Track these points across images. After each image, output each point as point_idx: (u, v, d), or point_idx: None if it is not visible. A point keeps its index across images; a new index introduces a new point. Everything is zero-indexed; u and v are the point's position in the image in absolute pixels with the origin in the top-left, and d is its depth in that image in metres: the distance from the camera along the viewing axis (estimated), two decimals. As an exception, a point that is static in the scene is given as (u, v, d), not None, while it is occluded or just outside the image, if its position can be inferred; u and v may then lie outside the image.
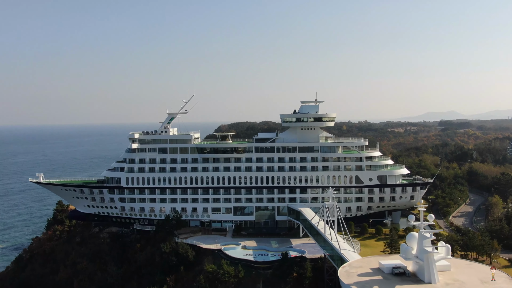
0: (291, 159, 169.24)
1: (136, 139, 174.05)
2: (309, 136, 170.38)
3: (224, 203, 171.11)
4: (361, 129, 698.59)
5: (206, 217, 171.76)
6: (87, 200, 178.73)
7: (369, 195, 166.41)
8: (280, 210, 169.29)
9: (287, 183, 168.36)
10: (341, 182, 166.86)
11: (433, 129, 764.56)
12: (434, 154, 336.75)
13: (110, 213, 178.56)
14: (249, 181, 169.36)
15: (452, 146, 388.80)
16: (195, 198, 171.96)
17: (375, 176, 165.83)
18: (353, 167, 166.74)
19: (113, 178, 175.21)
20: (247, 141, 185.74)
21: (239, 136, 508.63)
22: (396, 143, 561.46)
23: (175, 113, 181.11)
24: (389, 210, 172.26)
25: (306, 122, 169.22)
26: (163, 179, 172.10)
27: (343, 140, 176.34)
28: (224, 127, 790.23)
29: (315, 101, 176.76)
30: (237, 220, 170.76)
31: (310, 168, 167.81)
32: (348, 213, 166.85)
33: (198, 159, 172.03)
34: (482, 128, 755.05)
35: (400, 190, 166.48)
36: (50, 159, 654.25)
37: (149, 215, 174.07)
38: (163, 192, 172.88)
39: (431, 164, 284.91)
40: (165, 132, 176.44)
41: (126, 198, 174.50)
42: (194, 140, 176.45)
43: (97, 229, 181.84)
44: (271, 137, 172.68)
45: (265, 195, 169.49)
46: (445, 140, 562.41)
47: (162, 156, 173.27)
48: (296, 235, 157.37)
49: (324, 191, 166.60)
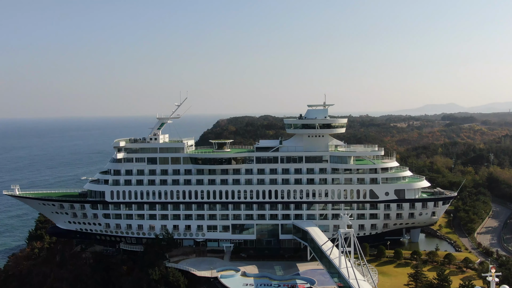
0: (296, 171, 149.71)
1: (122, 147, 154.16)
2: (317, 144, 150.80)
3: (221, 220, 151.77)
4: (363, 124, 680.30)
5: (201, 236, 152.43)
6: (67, 216, 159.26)
7: (385, 211, 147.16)
8: (285, 228, 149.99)
9: (292, 198, 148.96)
10: (354, 196, 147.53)
11: (436, 124, 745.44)
12: (445, 154, 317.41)
13: (94, 230, 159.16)
14: (249, 195, 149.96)
15: (462, 144, 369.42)
16: (188, 215, 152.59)
17: (392, 190, 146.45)
18: (367, 179, 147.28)
19: (96, 191, 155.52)
20: (247, 148, 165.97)
21: (238, 133, 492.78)
22: (400, 139, 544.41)
23: (165, 118, 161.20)
24: (407, 228, 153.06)
25: (313, 129, 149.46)
26: (152, 193, 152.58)
27: (355, 148, 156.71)
28: (223, 122, 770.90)
29: (323, 104, 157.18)
30: (235, 239, 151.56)
31: (318, 181, 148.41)
32: (361, 231, 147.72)
33: (192, 170, 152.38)
34: (487, 123, 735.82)
35: (420, 205, 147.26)
36: (48, 153, 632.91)
37: (136, 233, 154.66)
38: (152, 207, 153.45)
39: (443, 167, 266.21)
40: (155, 139, 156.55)
41: (111, 214, 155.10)
42: (187, 148, 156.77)
43: (79, 248, 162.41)
44: (274, 146, 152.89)
45: (268, 211, 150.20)
46: (450, 136, 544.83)
47: (151, 166, 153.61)
48: (303, 258, 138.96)
49: (334, 206, 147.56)
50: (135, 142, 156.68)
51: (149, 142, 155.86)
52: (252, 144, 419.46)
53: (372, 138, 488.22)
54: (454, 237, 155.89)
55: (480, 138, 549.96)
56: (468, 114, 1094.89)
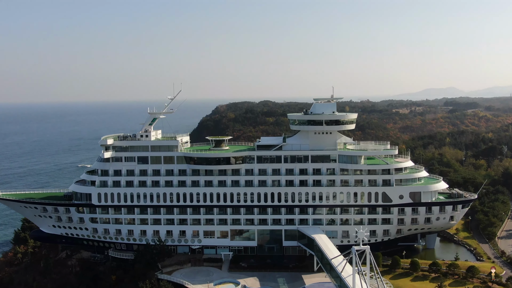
0: (302, 171, 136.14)
1: (110, 145, 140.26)
2: (325, 142, 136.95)
3: (219, 225, 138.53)
4: (364, 110, 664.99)
5: (196, 243, 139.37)
6: (51, 220, 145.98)
7: (399, 216, 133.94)
8: (288, 234, 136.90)
9: (296, 201, 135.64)
10: (364, 200, 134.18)
11: (439, 109, 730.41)
12: (453, 145, 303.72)
13: (80, 235, 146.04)
14: (250, 198, 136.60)
15: (469, 133, 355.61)
16: (183, 219, 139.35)
17: (406, 193, 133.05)
18: (379, 181, 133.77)
19: (81, 193, 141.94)
20: (247, 146, 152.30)
21: (237, 120, 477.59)
22: (403, 126, 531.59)
23: (158, 113, 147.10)
24: (423, 233, 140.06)
25: (320, 125, 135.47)
26: (144, 195, 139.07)
27: (366, 145, 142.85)
28: (222, 108, 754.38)
29: (331, 98, 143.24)
30: (235, 246, 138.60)
31: (325, 183, 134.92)
32: (373, 237, 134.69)
33: (187, 170, 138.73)
34: (491, 109, 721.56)
35: (438, 209, 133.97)
36: (47, 139, 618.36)
37: (126, 239, 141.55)
38: (143, 211, 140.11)
39: (453, 159, 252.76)
40: (146, 136, 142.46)
41: (98, 218, 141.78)
42: (182, 146, 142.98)
43: (64, 254, 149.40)
44: (276, 143, 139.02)
45: (270, 215, 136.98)
46: (454, 123, 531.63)
47: (142, 166, 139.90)
48: (309, 269, 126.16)
49: (343, 211, 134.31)
50: (125, 139, 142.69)
51: (139, 140, 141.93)
52: (253, 134, 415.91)
53: (375, 125, 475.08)
54: (473, 243, 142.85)
55: (485, 125, 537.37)
56: (470, 99, 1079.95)
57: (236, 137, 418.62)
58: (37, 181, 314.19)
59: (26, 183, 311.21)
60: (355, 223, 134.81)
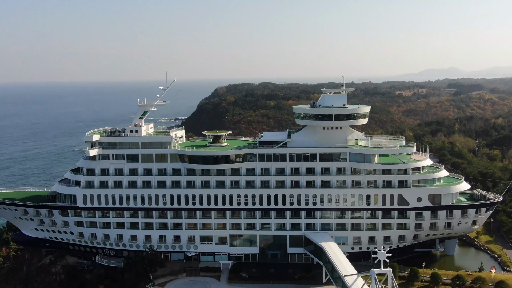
0: (308, 171, 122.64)
1: (96, 142, 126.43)
2: (334, 138, 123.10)
3: (217, 230, 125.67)
4: (367, 92, 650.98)
5: (192, 249, 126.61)
6: (33, 222, 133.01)
7: (417, 220, 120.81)
8: (294, 240, 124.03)
9: (303, 204, 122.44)
10: (378, 203, 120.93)
11: (442, 92, 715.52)
12: (463, 132, 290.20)
13: (65, 239, 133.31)
14: (251, 200, 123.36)
15: (478, 119, 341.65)
16: (177, 223, 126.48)
17: (425, 195, 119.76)
18: (395, 182, 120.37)
19: (65, 194, 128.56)
20: (248, 140, 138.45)
21: (237, 104, 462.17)
22: (407, 109, 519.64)
23: (149, 105, 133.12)
24: (442, 238, 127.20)
25: (330, 120, 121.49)
26: (134, 197, 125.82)
27: (379, 140, 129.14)
28: (221, 90, 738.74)
29: (341, 88, 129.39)
30: (234, 253, 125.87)
31: (335, 184, 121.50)
32: (387, 244, 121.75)
33: (181, 169, 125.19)
34: (495, 91, 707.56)
35: (460, 213, 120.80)
36: (46, 122, 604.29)
37: (115, 244, 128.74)
38: (133, 214, 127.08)
39: (464, 147, 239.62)
40: (136, 132, 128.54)
41: (84, 221, 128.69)
42: (176, 142, 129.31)
43: (48, 260, 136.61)
44: (281, 140, 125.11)
45: (273, 219, 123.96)
46: (460, 107, 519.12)
47: (132, 165, 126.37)
48: (317, 280, 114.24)
49: (354, 215, 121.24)
50: (112, 134, 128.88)
51: (129, 135, 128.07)
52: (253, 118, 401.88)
53: (379, 109, 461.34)
54: (497, 248, 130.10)
55: (491, 108, 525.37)
56: (473, 80, 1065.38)
57: (236, 121, 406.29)
58: (34, 167, 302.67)
59: (24, 168, 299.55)
60: (367, 228, 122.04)
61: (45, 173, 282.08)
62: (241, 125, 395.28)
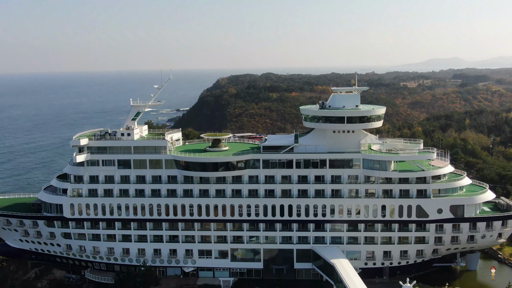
0: (318, 179, 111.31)
1: (84, 146, 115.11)
2: (346, 142, 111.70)
3: (217, 243, 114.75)
4: (371, 84, 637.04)
5: (190, 264, 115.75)
6: (17, 233, 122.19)
7: (437, 234, 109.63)
8: (301, 255, 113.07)
9: (311, 215, 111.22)
10: (394, 215, 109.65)
11: (448, 83, 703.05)
12: (473, 127, 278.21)
13: (52, 251, 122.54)
14: (255, 211, 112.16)
15: (488, 113, 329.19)
16: (173, 236, 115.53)
17: (446, 206, 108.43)
18: (413, 191, 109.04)
19: (51, 204, 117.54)
20: (251, 144, 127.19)
21: (239, 96, 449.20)
22: (412, 101, 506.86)
23: (143, 105, 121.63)
24: (463, 252, 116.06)
25: (341, 123, 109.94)
26: (125, 207, 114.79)
27: (394, 143, 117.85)
28: (223, 81, 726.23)
29: (353, 86, 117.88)
30: (236, 268, 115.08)
31: (346, 193, 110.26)
32: (403, 259, 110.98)
33: (178, 177, 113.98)
34: (502, 82, 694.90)
35: (484, 225, 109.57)
36: (49, 113, 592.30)
37: (106, 258, 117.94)
38: (126, 226, 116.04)
39: (476, 145, 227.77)
40: (128, 135, 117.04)
41: (72, 233, 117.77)
42: (172, 146, 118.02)
43: (33, 274, 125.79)
44: (287, 144, 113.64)
45: (279, 232, 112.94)
46: (467, 99, 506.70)
47: (124, 172, 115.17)
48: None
49: (368, 227, 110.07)
50: (102, 138, 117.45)
51: (120, 139, 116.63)
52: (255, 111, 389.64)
53: (384, 101, 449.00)
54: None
55: (499, 100, 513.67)
56: (477, 70, 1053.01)
57: (238, 114, 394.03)
58: (34, 160, 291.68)
59: (26, 161, 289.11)
60: (382, 242, 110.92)
61: (47, 167, 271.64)
62: (243, 118, 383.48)
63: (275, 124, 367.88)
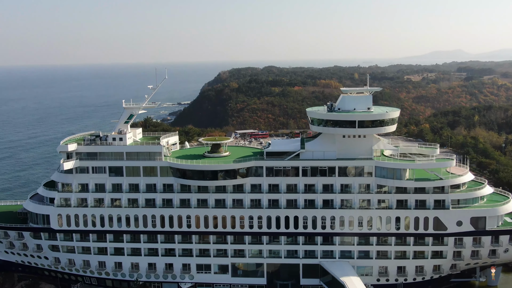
0: (326, 188, 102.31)
1: (73, 152, 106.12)
2: (357, 148, 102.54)
3: (217, 257, 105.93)
4: (374, 77, 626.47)
5: (188, 279, 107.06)
6: (2, 245, 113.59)
7: (456, 248, 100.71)
8: (307, 270, 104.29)
9: (319, 228, 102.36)
10: (410, 227, 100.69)
11: (453, 76, 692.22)
12: (483, 124, 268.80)
13: (39, 264, 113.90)
14: (257, 222, 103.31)
15: (497, 109, 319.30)
16: (169, 249, 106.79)
17: (467, 218, 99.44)
18: (430, 202, 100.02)
19: (38, 214, 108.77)
20: (253, 148, 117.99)
21: (241, 90, 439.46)
22: (417, 96, 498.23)
23: (136, 107, 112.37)
24: (484, 266, 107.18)
25: (352, 127, 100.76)
26: (118, 218, 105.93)
27: (407, 147, 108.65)
28: (224, 75, 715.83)
29: (365, 86, 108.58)
30: (237, 284, 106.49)
31: (357, 203, 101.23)
32: (419, 275, 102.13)
33: (174, 185, 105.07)
34: (508, 76, 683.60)
35: (508, 239, 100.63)
36: (53, 106, 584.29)
37: (97, 272, 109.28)
38: (118, 238, 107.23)
39: (487, 143, 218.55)
40: (120, 140, 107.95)
41: (60, 246, 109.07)
42: (168, 151, 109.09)
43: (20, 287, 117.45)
44: (292, 150, 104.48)
45: (283, 245, 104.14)
46: (472, 93, 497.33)
47: (115, 179, 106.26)
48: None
49: (381, 241, 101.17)
50: (92, 142, 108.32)
51: (111, 144, 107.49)
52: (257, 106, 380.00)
53: (388, 95, 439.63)
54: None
55: (505, 94, 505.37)
56: (481, 63, 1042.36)
57: (239, 109, 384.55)
58: (36, 155, 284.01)
59: (26, 156, 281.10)
60: (396, 257, 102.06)
61: (49, 162, 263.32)
62: (244, 113, 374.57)
63: (277, 119, 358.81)
